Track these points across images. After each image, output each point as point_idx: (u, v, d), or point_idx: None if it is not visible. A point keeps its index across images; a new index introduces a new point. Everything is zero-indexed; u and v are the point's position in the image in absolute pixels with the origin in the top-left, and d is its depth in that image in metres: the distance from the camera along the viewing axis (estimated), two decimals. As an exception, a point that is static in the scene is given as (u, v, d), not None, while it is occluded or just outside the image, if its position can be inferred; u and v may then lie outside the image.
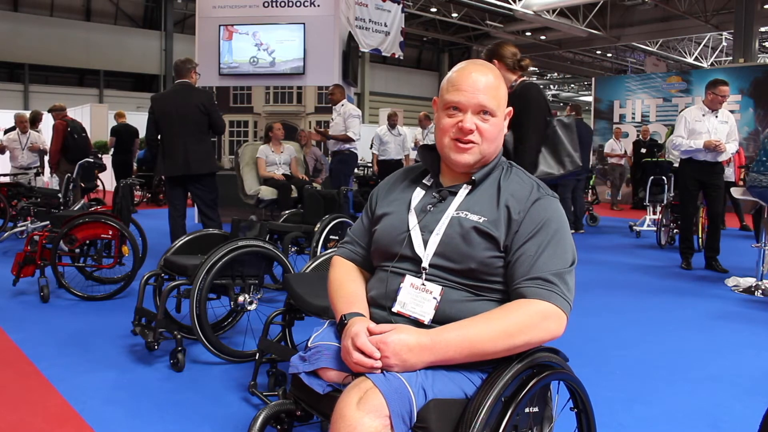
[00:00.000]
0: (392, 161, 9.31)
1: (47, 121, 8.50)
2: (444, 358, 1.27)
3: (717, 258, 5.67)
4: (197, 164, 4.73)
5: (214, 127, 4.92)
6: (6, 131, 9.76)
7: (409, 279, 1.40)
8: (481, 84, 1.43)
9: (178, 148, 4.72)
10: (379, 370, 1.23)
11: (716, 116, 5.44)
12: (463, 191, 1.46)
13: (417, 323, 1.36)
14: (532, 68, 30.62)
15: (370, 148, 16.11)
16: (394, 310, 1.39)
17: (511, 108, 1.53)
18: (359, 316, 1.38)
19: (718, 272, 5.53)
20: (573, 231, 8.75)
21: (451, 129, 1.44)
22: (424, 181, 1.54)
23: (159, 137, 4.90)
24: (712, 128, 5.40)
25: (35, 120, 8.80)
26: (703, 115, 5.45)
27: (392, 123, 9.37)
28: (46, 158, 8.15)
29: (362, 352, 1.25)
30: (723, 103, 5.44)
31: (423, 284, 1.38)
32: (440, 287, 1.37)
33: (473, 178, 1.46)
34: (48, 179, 8.26)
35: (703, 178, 5.55)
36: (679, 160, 5.81)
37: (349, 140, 6.95)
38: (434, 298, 1.36)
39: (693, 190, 5.69)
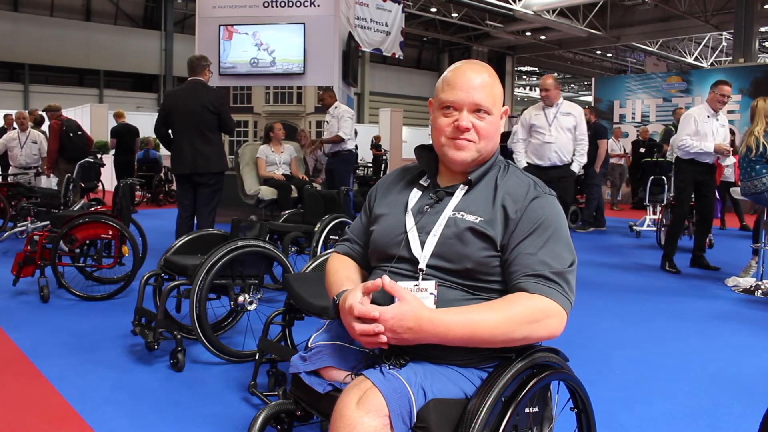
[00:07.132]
0: None
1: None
2: (444, 339, 1.25)
3: (704, 256, 5.72)
4: (203, 163, 4.71)
5: (224, 127, 4.89)
6: None
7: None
8: (476, 82, 1.42)
9: (186, 146, 4.71)
10: (385, 339, 1.23)
11: (717, 119, 5.40)
12: (460, 192, 1.45)
13: None
14: (530, 68, 30.71)
15: (371, 148, 16.16)
16: None
17: (507, 107, 1.53)
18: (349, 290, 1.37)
19: (704, 269, 5.59)
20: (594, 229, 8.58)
21: (447, 128, 1.44)
22: (421, 181, 1.54)
23: (168, 133, 4.88)
24: (714, 130, 5.37)
25: (39, 122, 8.77)
26: (708, 117, 5.39)
27: None
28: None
29: (362, 320, 1.25)
30: (724, 103, 5.38)
31: (416, 285, 1.37)
32: (433, 280, 1.36)
33: (469, 178, 1.45)
34: (46, 179, 8.20)
35: (700, 178, 5.52)
36: (675, 158, 5.78)
37: (341, 141, 6.93)
38: (431, 293, 1.35)
39: (691, 190, 5.67)
